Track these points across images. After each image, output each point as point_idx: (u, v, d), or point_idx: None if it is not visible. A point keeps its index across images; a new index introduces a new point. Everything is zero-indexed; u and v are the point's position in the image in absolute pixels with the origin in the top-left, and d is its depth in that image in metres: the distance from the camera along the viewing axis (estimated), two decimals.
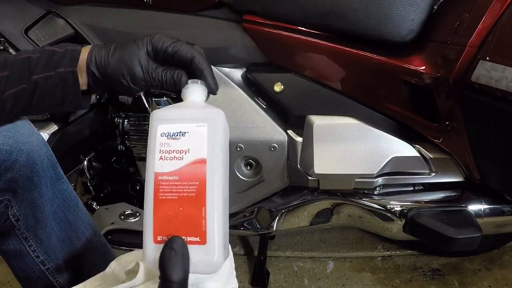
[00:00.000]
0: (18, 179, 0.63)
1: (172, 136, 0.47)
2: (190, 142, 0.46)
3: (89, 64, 0.55)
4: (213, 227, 0.44)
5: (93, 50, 0.55)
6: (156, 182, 0.45)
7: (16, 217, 0.66)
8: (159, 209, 0.45)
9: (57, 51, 0.55)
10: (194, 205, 0.44)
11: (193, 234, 0.44)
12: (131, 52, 0.55)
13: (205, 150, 0.46)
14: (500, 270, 1.25)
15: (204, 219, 0.44)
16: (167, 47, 0.55)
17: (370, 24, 0.84)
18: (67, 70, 0.54)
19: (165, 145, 0.46)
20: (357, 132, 0.92)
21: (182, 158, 0.46)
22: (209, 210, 0.44)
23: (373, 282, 1.23)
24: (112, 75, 0.54)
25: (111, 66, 0.54)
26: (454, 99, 0.82)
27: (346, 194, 0.99)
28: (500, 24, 0.75)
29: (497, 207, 0.96)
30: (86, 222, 0.75)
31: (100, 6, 0.95)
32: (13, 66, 0.54)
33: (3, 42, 0.92)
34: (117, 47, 0.56)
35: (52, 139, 0.94)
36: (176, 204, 0.44)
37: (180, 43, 0.55)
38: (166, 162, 0.46)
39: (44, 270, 0.71)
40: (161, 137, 0.47)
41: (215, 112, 0.49)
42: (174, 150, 0.46)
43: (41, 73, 0.54)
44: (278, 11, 0.87)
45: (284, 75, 0.93)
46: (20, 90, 0.54)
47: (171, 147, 0.46)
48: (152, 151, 0.47)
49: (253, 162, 1.00)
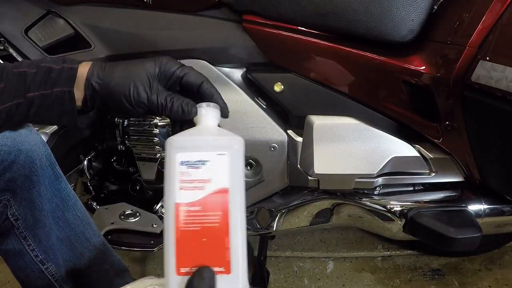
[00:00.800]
0: (17, 178, 0.63)
1: (192, 165, 0.45)
2: (211, 171, 0.45)
3: (90, 77, 0.53)
4: (237, 256, 0.44)
5: (95, 65, 0.54)
6: (177, 212, 0.44)
7: (15, 216, 0.66)
8: (182, 240, 0.44)
9: (54, 68, 0.54)
10: (218, 236, 0.44)
11: (217, 264, 0.44)
12: (138, 69, 0.53)
13: (227, 179, 0.45)
14: (500, 270, 1.25)
15: (228, 249, 0.44)
16: (176, 70, 0.54)
17: (370, 24, 0.84)
18: (64, 89, 0.53)
19: (186, 175, 0.45)
20: (357, 132, 0.92)
21: (204, 187, 0.45)
22: (232, 240, 0.44)
23: (373, 282, 1.23)
24: (114, 91, 0.52)
25: (115, 80, 0.53)
26: (454, 99, 0.82)
27: (346, 194, 0.99)
28: (500, 24, 0.75)
29: (497, 207, 0.96)
30: (85, 221, 0.75)
31: (100, 6, 0.94)
32: (8, 79, 0.53)
33: (3, 42, 0.92)
34: (122, 62, 0.55)
35: (52, 139, 0.94)
36: (199, 235, 0.44)
37: (188, 67, 0.55)
38: (187, 192, 0.45)
39: (43, 270, 0.71)
40: (180, 166, 0.45)
41: (236, 140, 0.48)
42: (195, 180, 0.45)
43: (37, 91, 0.53)
44: (278, 11, 0.87)
45: (284, 75, 0.93)
46: (15, 105, 0.53)
47: (192, 176, 0.45)
48: (172, 180, 0.45)
49: (253, 162, 1.00)
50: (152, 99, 0.52)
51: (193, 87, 0.54)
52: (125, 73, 0.53)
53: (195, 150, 0.46)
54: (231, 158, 0.46)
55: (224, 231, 0.44)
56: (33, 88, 0.53)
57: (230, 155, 0.46)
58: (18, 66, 0.54)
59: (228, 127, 0.94)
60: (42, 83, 0.53)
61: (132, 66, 0.54)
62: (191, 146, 0.46)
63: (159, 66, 0.54)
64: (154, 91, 0.53)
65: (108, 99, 0.53)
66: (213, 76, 0.94)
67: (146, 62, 0.54)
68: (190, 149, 0.46)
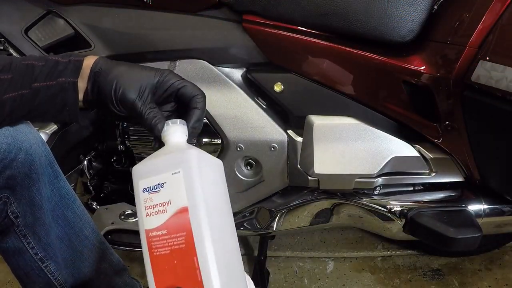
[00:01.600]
0: (17, 176, 0.63)
1: (152, 190, 0.45)
2: (169, 192, 0.45)
3: (94, 68, 0.55)
4: (209, 276, 0.42)
5: (101, 58, 0.56)
6: (148, 239, 0.45)
7: (15, 214, 0.66)
8: (156, 266, 0.44)
9: (61, 61, 0.55)
10: (186, 257, 0.43)
11: (190, 285, 0.43)
12: (138, 73, 0.54)
13: (185, 198, 0.44)
14: (500, 270, 1.25)
15: (198, 269, 0.43)
16: (175, 82, 0.54)
17: (370, 24, 0.84)
18: (68, 80, 0.55)
19: (149, 201, 0.45)
20: (357, 132, 0.92)
21: (166, 210, 0.44)
22: (201, 259, 0.43)
23: (373, 282, 1.23)
24: (107, 83, 0.54)
25: (113, 74, 0.54)
26: (454, 99, 0.82)
27: (346, 194, 0.99)
28: (500, 24, 0.75)
29: (497, 207, 0.96)
30: (84, 220, 0.75)
31: (100, 6, 0.94)
32: (16, 70, 0.54)
33: (3, 42, 0.92)
34: (127, 63, 0.56)
35: (52, 139, 0.94)
36: (170, 258, 0.43)
37: (188, 82, 0.55)
38: (152, 217, 0.45)
39: (43, 268, 0.72)
40: (143, 193, 0.46)
41: (190, 154, 0.46)
42: (157, 204, 0.45)
43: (43, 82, 0.54)
44: (278, 11, 0.87)
45: (284, 75, 0.93)
46: (20, 95, 0.54)
47: (154, 201, 0.45)
48: (139, 208, 0.46)
49: (253, 162, 1.00)
50: (136, 105, 0.53)
51: (186, 99, 0.54)
52: (125, 72, 0.54)
53: (154, 174, 0.46)
54: (186, 174, 0.45)
55: (191, 251, 0.43)
56: (40, 79, 0.54)
57: (184, 172, 0.45)
58: (26, 59, 0.56)
59: (228, 127, 0.95)
60: (49, 75, 0.54)
61: (134, 69, 0.55)
62: (150, 171, 0.46)
63: (159, 76, 0.55)
64: (142, 99, 0.53)
65: (101, 90, 0.55)
66: (213, 76, 0.94)
67: (148, 70, 0.55)
68: (150, 174, 0.46)
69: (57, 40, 0.94)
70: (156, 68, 0.56)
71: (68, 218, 0.73)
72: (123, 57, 0.95)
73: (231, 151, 0.96)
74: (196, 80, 0.94)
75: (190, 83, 0.56)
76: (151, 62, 0.95)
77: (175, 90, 0.55)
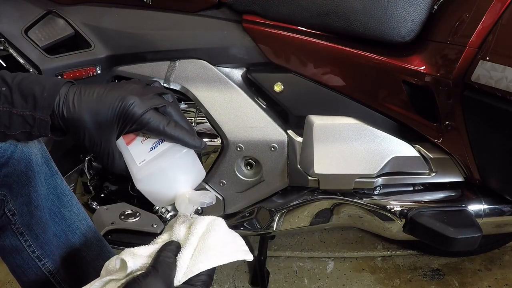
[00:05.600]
0: (13, 174, 0.63)
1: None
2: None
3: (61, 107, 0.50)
4: None
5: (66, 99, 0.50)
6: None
7: (12, 211, 0.66)
8: None
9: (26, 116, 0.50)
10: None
11: None
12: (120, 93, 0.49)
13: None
14: (500, 270, 1.25)
15: None
16: (138, 118, 0.49)
17: (370, 24, 0.84)
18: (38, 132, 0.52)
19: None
20: (357, 132, 0.92)
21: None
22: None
23: (373, 282, 1.23)
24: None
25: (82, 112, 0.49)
26: (454, 99, 0.82)
27: (346, 194, 0.99)
28: (500, 24, 0.75)
29: (497, 207, 0.96)
30: (81, 217, 0.75)
31: (100, 6, 0.95)
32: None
33: (3, 42, 0.92)
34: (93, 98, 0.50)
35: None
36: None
37: (150, 113, 0.50)
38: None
39: (40, 266, 0.71)
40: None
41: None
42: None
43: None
44: (278, 11, 0.87)
45: (284, 75, 0.93)
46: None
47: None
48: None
49: (253, 162, 1.00)
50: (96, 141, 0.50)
51: (159, 133, 0.51)
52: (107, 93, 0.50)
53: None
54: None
55: None
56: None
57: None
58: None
59: (228, 127, 0.95)
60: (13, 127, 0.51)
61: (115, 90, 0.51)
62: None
63: (122, 108, 0.49)
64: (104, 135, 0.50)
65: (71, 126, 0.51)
66: (213, 76, 0.94)
67: (111, 101, 0.49)
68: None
69: (57, 40, 0.94)
70: (120, 97, 0.49)
71: (65, 215, 0.73)
72: (123, 57, 0.95)
73: (231, 151, 0.96)
74: (196, 80, 0.94)
75: (152, 115, 0.50)
76: (151, 62, 0.95)
77: (141, 127, 0.51)
